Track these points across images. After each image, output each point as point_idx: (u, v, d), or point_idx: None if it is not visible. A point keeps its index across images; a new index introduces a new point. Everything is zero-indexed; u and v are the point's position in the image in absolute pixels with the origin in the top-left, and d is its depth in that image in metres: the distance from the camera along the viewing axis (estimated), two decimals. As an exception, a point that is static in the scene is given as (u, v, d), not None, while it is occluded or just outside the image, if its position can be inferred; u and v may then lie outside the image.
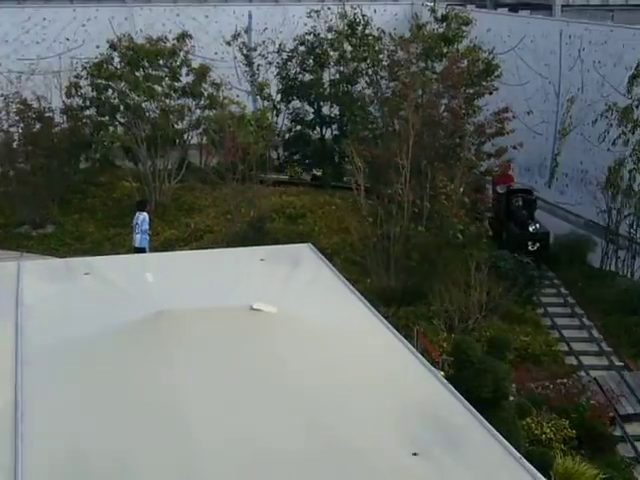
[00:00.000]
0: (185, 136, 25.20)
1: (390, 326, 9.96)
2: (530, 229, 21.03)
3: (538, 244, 20.87)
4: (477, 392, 11.22)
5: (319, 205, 23.83)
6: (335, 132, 26.77)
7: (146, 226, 19.45)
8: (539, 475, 6.87)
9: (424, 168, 18.14)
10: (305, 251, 12.52)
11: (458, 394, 8.50)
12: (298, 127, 26.74)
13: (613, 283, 19.60)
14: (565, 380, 14.98)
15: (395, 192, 17.66)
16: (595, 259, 21.51)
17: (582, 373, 16.58)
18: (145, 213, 19.68)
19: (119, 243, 22.16)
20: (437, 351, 15.13)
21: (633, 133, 17.81)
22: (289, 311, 9.41)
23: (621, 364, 17.02)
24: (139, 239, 19.27)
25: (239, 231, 21.41)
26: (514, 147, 21.06)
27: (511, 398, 13.77)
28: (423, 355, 15.52)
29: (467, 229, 17.58)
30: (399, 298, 17.75)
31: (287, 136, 26.97)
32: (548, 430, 13.12)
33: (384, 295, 17.86)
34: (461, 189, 18.10)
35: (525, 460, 7.11)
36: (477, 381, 11.20)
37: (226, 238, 21.26)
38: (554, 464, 12.15)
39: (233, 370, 8.04)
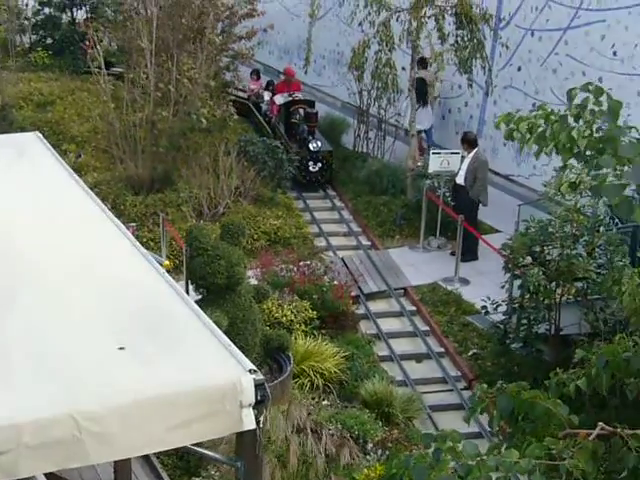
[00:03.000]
0: None
1: (112, 215, 9.66)
2: (310, 147, 19.14)
3: (320, 164, 19.29)
4: (211, 278, 11.13)
5: (70, 91, 22.96)
6: (89, 14, 25.67)
7: None
8: (245, 360, 6.84)
9: (170, 51, 17.64)
10: (32, 140, 11.96)
11: (175, 284, 8.36)
12: (46, 9, 25.49)
13: (364, 164, 19.86)
14: (309, 262, 15.12)
15: (138, 76, 17.13)
16: (349, 141, 21.74)
17: (331, 254, 16.90)
18: None
19: None
20: (183, 239, 14.96)
21: (379, 14, 17.82)
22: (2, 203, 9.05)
23: (368, 244, 17.42)
24: None
25: (-18, 121, 20.38)
26: (264, 29, 20.80)
27: (254, 282, 13.84)
28: (171, 243, 15.53)
29: (212, 113, 17.27)
30: (148, 185, 17.40)
31: (36, 19, 25.68)
32: (289, 312, 13.24)
33: (132, 183, 17.48)
34: (209, 72, 17.70)
35: (234, 347, 7.07)
36: (211, 267, 11.08)
37: (-32, 128, 20.18)
38: (293, 345, 12.31)
39: None
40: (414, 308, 15.24)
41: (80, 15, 25.64)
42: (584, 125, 4.80)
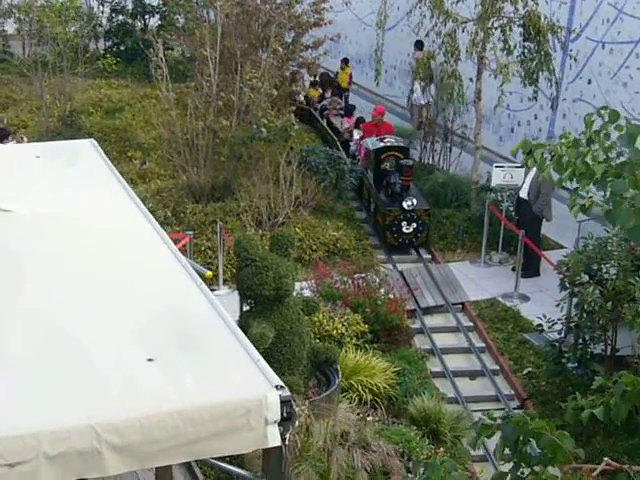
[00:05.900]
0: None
1: (160, 228, 9.63)
2: (405, 205, 16.87)
3: (414, 224, 17.08)
4: (259, 290, 11.01)
5: (139, 99, 23.18)
6: (160, 22, 25.93)
7: None
8: (273, 375, 6.72)
9: (235, 60, 17.65)
10: (86, 147, 12.01)
11: (211, 295, 8.27)
12: (119, 17, 25.80)
13: (430, 176, 19.63)
14: (364, 274, 14.91)
15: (200, 84, 17.18)
16: (416, 152, 21.53)
17: (390, 266, 16.70)
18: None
19: None
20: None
21: (445, 25, 17.61)
22: (46, 211, 9.06)
23: (429, 257, 17.19)
24: None
25: (51, 126, 20.64)
26: (331, 38, 20.72)
27: (308, 294, 13.75)
28: (228, 252, 15.49)
29: (273, 123, 17.19)
30: (208, 194, 17.41)
31: (109, 26, 26.02)
32: (340, 325, 13.06)
33: (193, 191, 17.51)
34: (272, 81, 17.64)
35: (263, 362, 6.95)
36: (258, 278, 10.96)
37: (37, 134, 20.47)
38: (340, 359, 12.12)
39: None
40: (471, 324, 14.99)
41: (153, 22, 25.91)
42: (600, 150, 4.60)
